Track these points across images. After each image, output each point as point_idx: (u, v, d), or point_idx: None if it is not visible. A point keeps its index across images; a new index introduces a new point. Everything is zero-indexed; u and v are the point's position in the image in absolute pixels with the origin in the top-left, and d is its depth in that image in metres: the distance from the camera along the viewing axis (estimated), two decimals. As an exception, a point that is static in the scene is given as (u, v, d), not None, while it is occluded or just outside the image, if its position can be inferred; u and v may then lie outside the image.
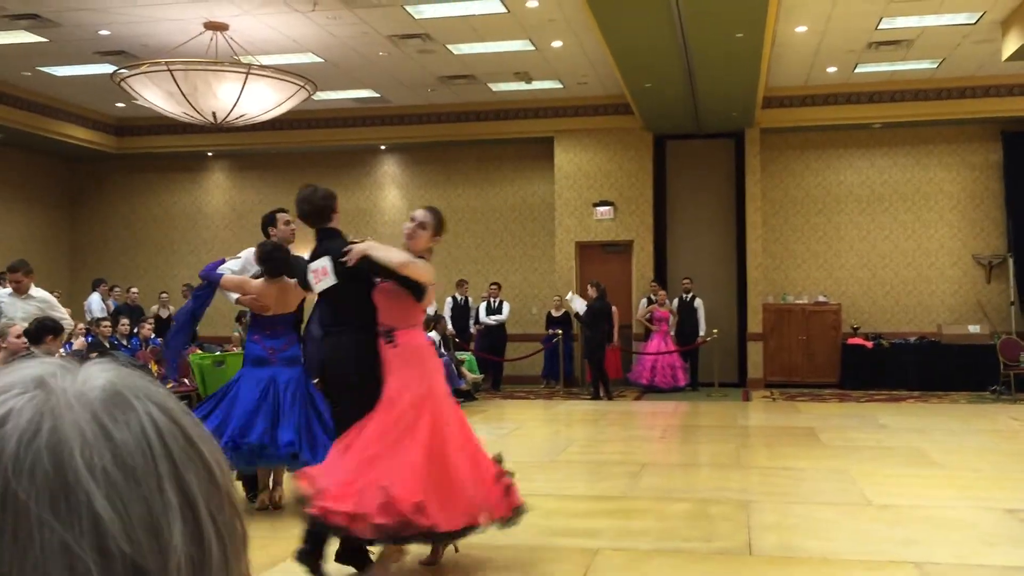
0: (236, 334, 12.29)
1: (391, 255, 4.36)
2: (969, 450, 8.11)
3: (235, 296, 6.04)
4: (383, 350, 4.33)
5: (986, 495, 6.13)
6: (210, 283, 6.09)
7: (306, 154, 16.65)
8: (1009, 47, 11.29)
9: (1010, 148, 14.45)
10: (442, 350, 11.93)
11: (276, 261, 5.85)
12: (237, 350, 11.21)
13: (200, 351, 11.17)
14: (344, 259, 4.35)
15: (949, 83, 13.89)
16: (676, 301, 14.36)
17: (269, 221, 6.38)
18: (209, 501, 0.51)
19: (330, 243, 4.57)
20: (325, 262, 4.48)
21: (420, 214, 4.58)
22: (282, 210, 6.45)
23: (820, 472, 7.06)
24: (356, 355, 4.38)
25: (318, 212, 4.64)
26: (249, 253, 6.30)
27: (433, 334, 11.25)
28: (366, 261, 4.32)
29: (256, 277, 5.98)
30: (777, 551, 4.80)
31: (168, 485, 0.49)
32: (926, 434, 9.00)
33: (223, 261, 6.25)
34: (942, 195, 14.91)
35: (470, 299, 14.87)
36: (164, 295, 14.95)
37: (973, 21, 11.20)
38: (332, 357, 4.48)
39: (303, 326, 6.43)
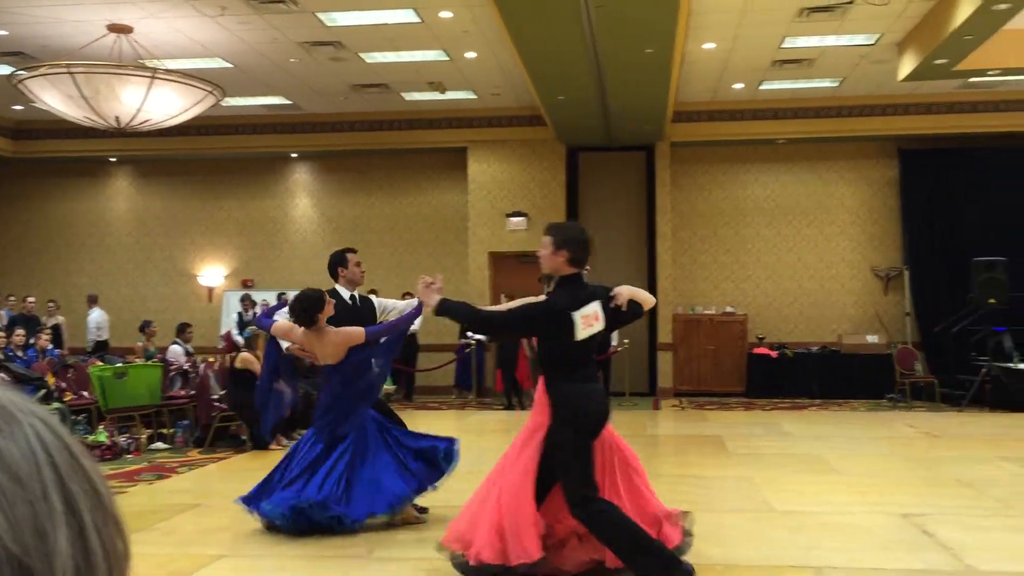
0: (139, 344, 11.94)
1: (645, 296, 4.40)
2: (867, 457, 8.38)
3: (286, 344, 5.73)
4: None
5: (883, 500, 6.34)
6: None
7: (215, 161, 16.31)
8: (905, 68, 11.77)
9: (906, 165, 15.06)
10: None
11: (299, 309, 5.48)
12: (140, 361, 10.89)
13: (101, 363, 10.81)
14: (614, 303, 4.25)
15: (849, 101, 14.41)
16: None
17: (339, 261, 6.01)
18: (93, 513, 0.53)
19: (581, 289, 4.25)
20: (596, 307, 4.21)
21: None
22: (351, 250, 6.16)
23: (726, 480, 7.20)
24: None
25: (587, 254, 4.32)
26: None
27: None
28: (632, 304, 4.28)
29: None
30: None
31: (53, 492, 0.50)
32: (827, 441, 9.28)
33: (284, 305, 5.87)
34: (843, 210, 15.43)
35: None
36: (52, 304, 14.37)
37: (872, 42, 11.64)
38: (606, 409, 4.30)
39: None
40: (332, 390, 5.61)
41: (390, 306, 5.95)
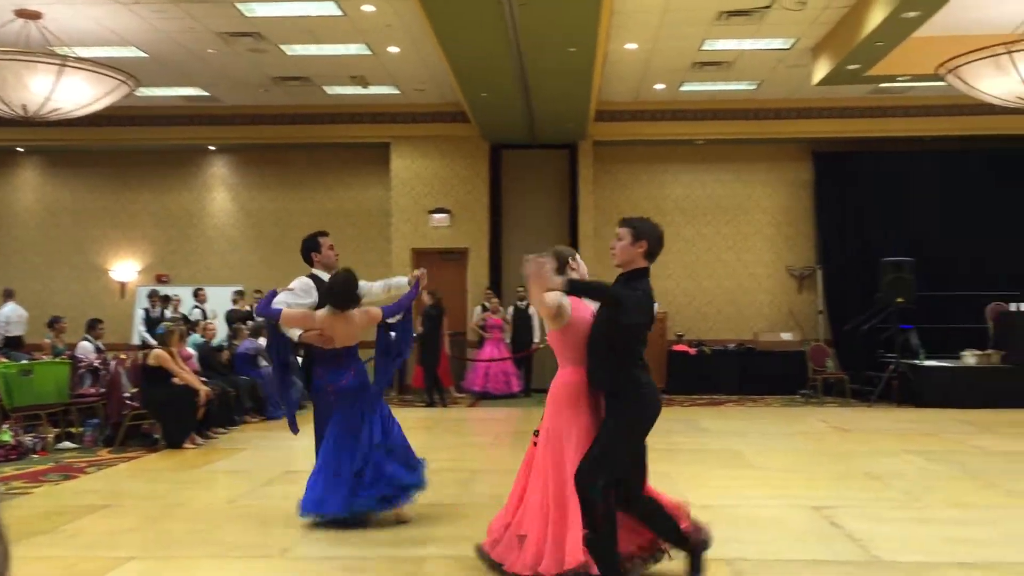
0: (47, 340, 11.53)
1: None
2: (781, 451, 8.58)
3: (298, 332, 5.55)
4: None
5: (796, 493, 6.50)
6: (270, 321, 5.63)
7: (129, 152, 15.85)
8: (819, 72, 12.08)
9: (820, 167, 15.48)
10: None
11: (345, 295, 5.47)
12: (47, 358, 10.53)
13: (6, 360, 10.42)
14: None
15: (766, 104, 14.73)
16: (511, 309, 14.52)
17: (312, 247, 5.96)
18: None
19: (640, 282, 4.15)
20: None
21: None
22: (323, 233, 6.07)
23: (645, 475, 7.27)
24: None
25: (661, 249, 4.26)
26: (303, 283, 5.79)
27: (262, 341, 10.93)
28: None
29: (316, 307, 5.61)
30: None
31: None
32: (743, 437, 9.47)
33: (275, 294, 5.63)
34: (759, 210, 15.77)
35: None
36: None
37: (788, 47, 11.91)
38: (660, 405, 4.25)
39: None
40: (361, 372, 5.66)
41: (365, 287, 5.85)
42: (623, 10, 10.38)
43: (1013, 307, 12.96)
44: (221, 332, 12.75)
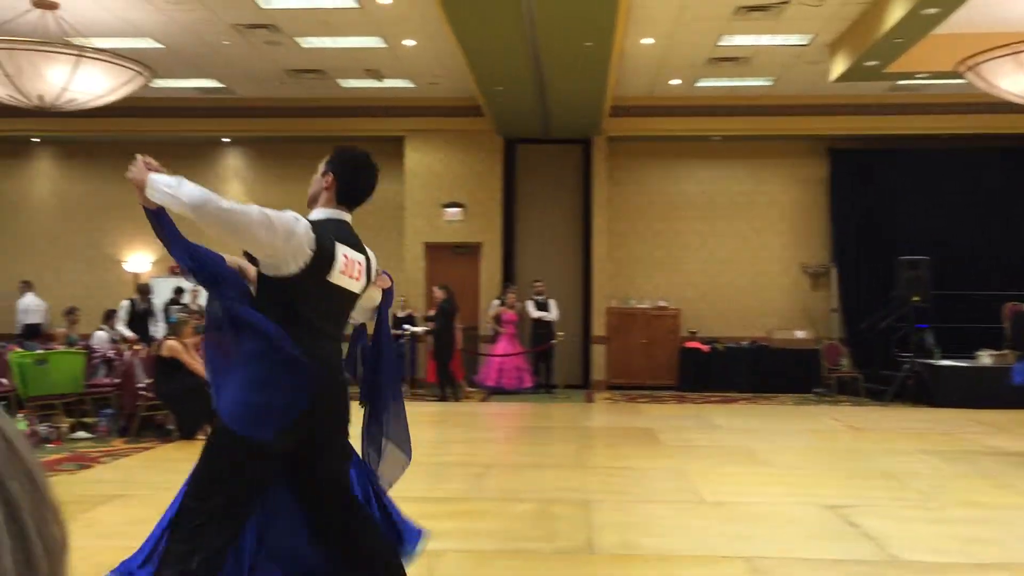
0: (61, 330, 11.58)
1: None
2: (795, 449, 8.54)
3: None
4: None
5: (810, 492, 6.46)
6: None
7: (143, 144, 15.74)
8: (836, 68, 12.00)
9: (836, 165, 15.38)
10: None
11: None
12: (62, 348, 10.57)
13: (20, 349, 10.46)
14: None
15: (782, 100, 14.64)
16: (530, 304, 14.46)
17: None
18: (34, 512, 0.46)
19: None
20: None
21: None
22: None
23: (658, 471, 7.27)
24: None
25: None
26: None
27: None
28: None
29: None
30: (617, 549, 4.90)
31: None
32: (756, 434, 9.43)
33: None
34: (774, 207, 15.70)
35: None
36: None
37: (805, 42, 11.83)
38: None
39: None
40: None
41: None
42: (640, 4, 10.32)
43: (1030, 307, 12.85)
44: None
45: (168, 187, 3.25)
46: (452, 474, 7.10)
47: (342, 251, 3.25)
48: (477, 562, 4.67)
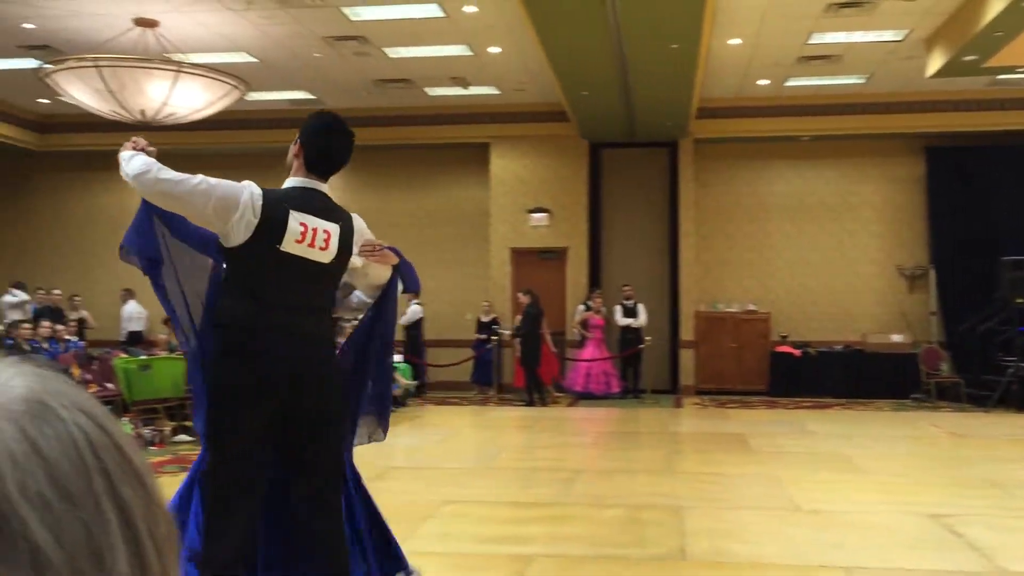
0: (163, 337, 11.98)
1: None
2: (893, 456, 8.30)
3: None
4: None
5: (910, 500, 6.27)
6: None
7: (236, 155, 16.34)
8: (933, 64, 11.64)
9: (933, 163, 14.88)
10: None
11: None
12: (164, 354, 10.94)
13: (125, 355, 10.87)
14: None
15: (875, 98, 14.26)
16: (619, 309, 14.40)
17: None
18: (146, 515, 0.48)
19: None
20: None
21: None
22: None
23: (750, 478, 7.15)
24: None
25: None
26: None
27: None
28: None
29: None
30: (709, 556, 4.83)
31: (106, 503, 0.45)
32: (852, 440, 9.19)
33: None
34: (867, 207, 15.29)
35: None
36: (77, 298, 14.56)
37: (900, 38, 11.51)
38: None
39: None
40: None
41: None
42: (727, 5, 10.19)
43: None
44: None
45: (122, 160, 3.41)
46: (540, 479, 7.11)
47: (298, 219, 3.20)
48: (567, 567, 4.67)
